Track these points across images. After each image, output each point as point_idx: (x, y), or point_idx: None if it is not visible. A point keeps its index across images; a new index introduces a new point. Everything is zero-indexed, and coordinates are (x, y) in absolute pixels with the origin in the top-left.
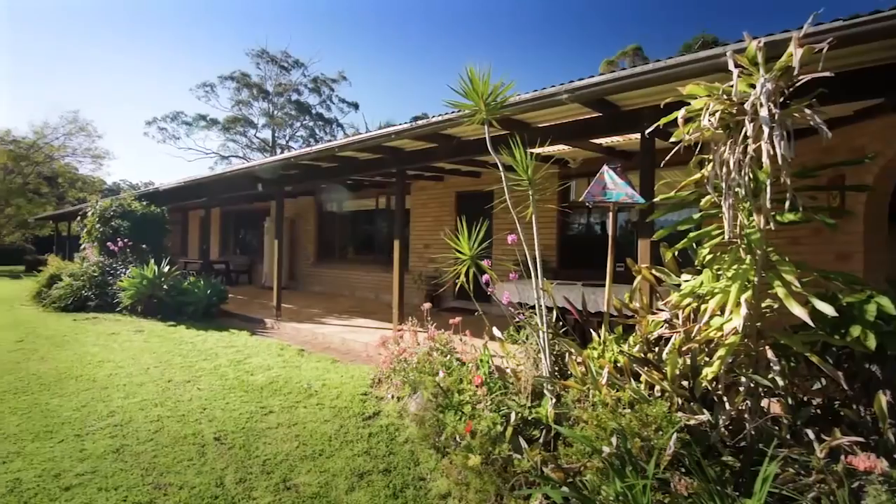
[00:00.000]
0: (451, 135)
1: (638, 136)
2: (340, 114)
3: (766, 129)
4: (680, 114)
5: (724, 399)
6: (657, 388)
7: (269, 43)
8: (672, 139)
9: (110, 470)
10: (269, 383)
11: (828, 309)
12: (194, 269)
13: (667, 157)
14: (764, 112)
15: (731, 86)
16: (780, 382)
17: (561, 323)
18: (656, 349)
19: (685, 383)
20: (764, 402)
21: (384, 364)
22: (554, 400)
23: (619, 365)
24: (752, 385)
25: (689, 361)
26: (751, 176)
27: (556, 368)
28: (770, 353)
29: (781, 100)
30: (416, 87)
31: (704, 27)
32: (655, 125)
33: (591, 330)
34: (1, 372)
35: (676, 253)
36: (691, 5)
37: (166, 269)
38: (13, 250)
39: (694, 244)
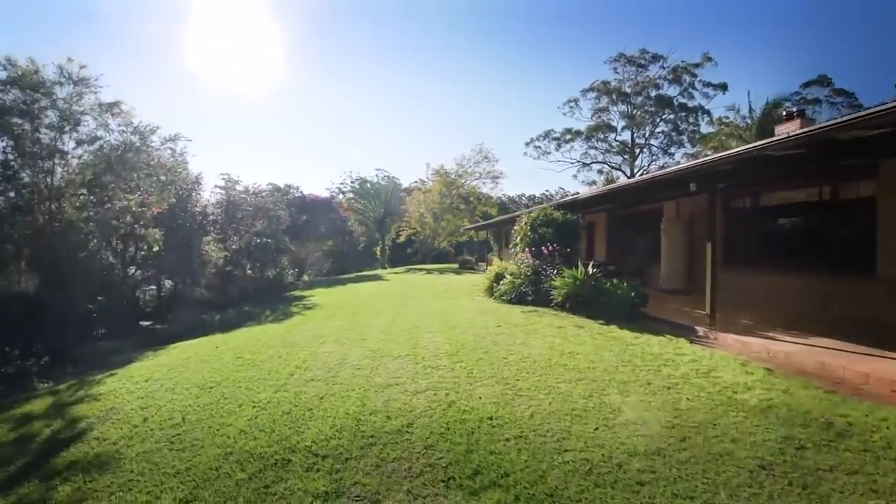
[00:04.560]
0: None
1: None
2: (705, 99)
3: None
4: None
5: None
6: None
7: (626, 46)
8: None
9: (665, 474)
10: (768, 408)
11: None
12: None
13: None
14: None
15: None
16: None
17: None
18: None
19: None
20: None
21: None
22: None
23: None
24: None
25: None
26: None
27: None
28: None
29: None
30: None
31: None
32: None
33: None
34: (507, 353)
35: None
36: None
37: (591, 270)
38: (444, 253)
39: None
